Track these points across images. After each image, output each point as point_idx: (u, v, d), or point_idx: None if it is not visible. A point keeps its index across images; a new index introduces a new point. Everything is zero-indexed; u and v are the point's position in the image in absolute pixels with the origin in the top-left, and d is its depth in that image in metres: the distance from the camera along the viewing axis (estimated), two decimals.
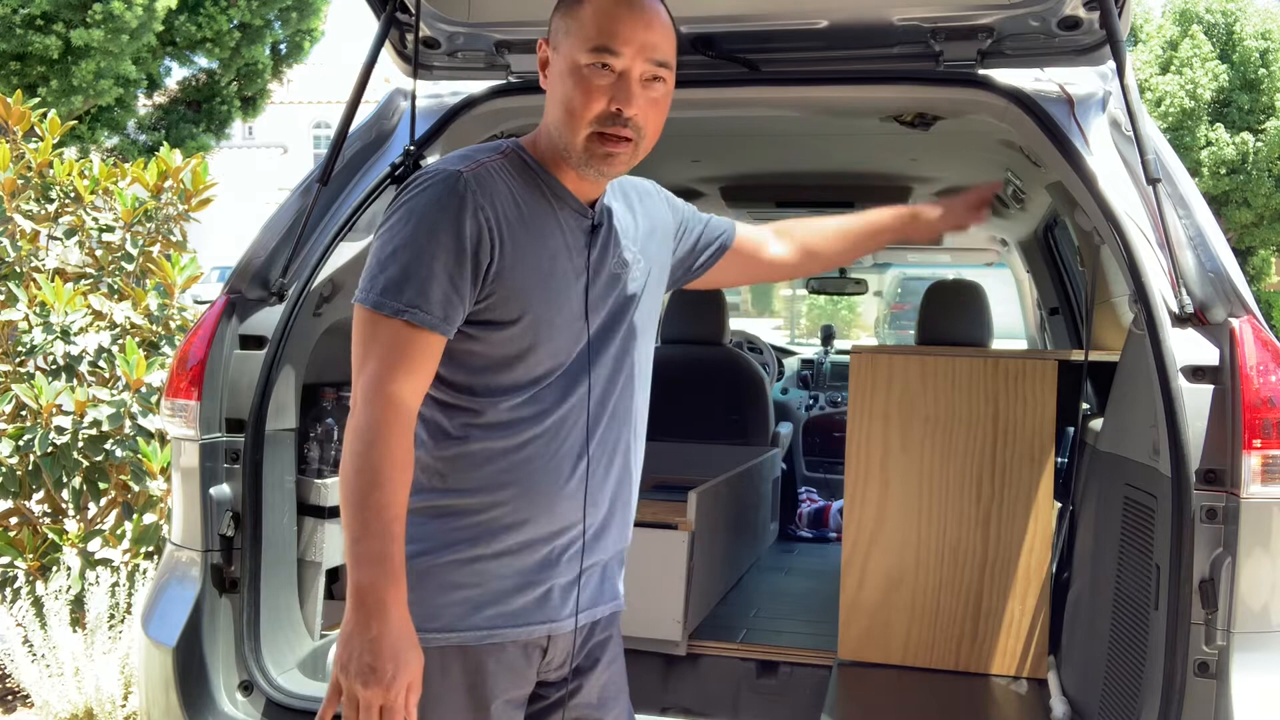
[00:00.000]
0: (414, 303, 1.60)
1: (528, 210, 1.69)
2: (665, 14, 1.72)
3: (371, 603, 1.54)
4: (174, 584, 2.60)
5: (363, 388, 1.60)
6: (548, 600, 1.75)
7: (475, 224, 1.62)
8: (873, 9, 2.62)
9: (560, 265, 1.71)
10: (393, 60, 2.94)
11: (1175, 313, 2.21)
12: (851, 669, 3.15)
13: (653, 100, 1.70)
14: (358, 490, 1.56)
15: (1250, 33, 21.52)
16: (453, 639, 1.67)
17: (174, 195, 4.55)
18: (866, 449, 3.22)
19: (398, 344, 1.60)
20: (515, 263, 1.66)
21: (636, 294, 1.84)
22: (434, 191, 1.64)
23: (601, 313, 1.77)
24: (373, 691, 1.53)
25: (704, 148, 4.14)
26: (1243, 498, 2.05)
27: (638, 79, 1.67)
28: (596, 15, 1.66)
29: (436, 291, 1.61)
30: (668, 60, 1.70)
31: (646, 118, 1.69)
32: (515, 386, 1.70)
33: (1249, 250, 22.56)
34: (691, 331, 4.92)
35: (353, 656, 1.53)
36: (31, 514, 4.30)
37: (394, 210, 1.66)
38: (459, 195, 1.63)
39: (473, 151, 1.73)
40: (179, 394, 2.60)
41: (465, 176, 1.64)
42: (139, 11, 13.15)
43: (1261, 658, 2.05)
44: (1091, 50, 2.61)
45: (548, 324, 1.69)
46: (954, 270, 6.92)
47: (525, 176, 1.72)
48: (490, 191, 1.65)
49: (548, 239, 1.70)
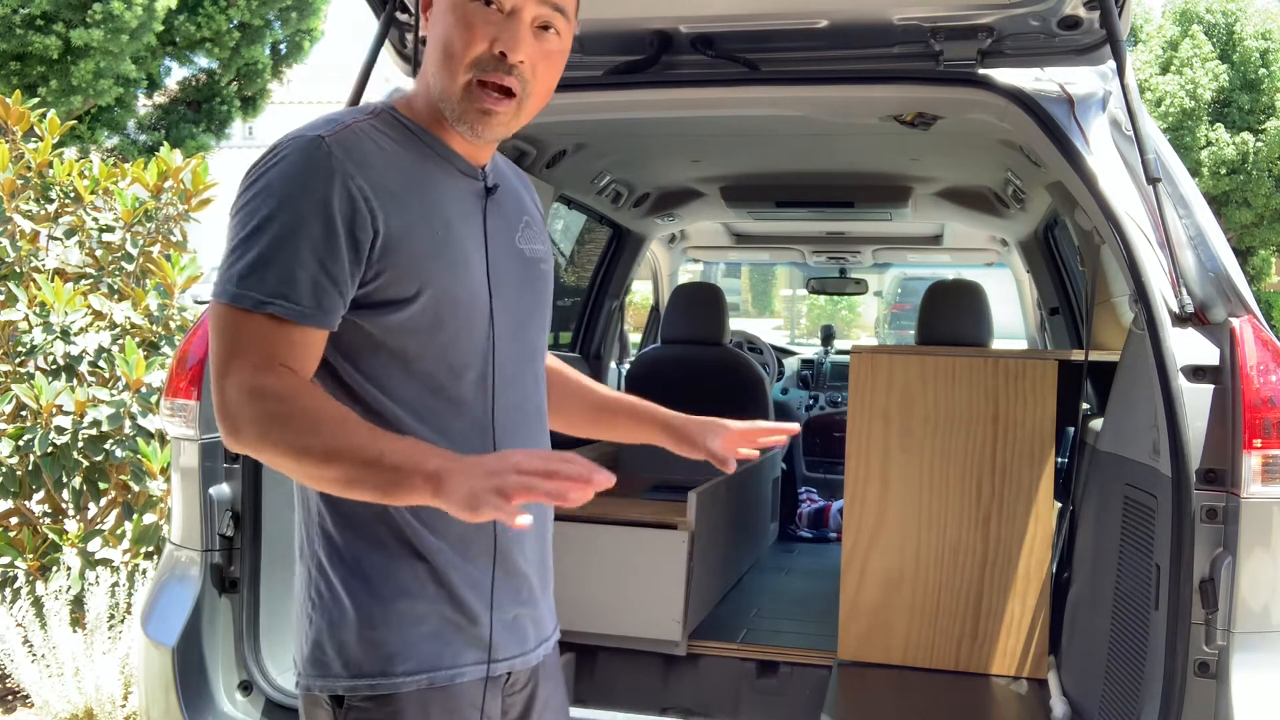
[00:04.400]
0: (279, 292, 1.37)
1: (410, 171, 1.48)
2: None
3: (420, 473, 1.28)
4: (174, 584, 2.60)
5: (234, 390, 1.36)
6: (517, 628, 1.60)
7: (345, 195, 1.40)
8: (872, 8, 2.61)
9: (456, 232, 1.50)
10: (392, 60, 2.93)
11: (1175, 312, 2.20)
12: (851, 669, 3.15)
13: (545, 52, 1.49)
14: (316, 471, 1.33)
15: (1250, 33, 21.50)
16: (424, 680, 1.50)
17: (174, 195, 4.55)
18: (866, 449, 3.22)
19: (266, 342, 1.38)
20: (404, 232, 1.44)
21: (544, 272, 1.66)
22: (292, 161, 1.42)
23: (504, 290, 1.55)
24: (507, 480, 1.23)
25: (704, 147, 4.13)
26: (1243, 497, 2.05)
27: (528, 22, 1.47)
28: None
29: (303, 277, 1.38)
30: (564, 7, 1.51)
31: (535, 70, 1.48)
32: (428, 382, 1.48)
33: (1249, 250, 22.54)
34: (691, 331, 4.92)
35: (470, 493, 1.24)
36: (31, 514, 4.30)
37: (248, 186, 1.43)
38: (323, 164, 1.40)
39: (337, 114, 1.50)
40: (179, 394, 2.60)
41: (327, 141, 1.42)
42: (139, 11, 13.14)
43: (1262, 658, 2.05)
44: (1092, 50, 2.61)
45: (452, 301, 1.48)
46: (954, 270, 6.92)
47: (402, 136, 1.51)
48: (361, 156, 1.43)
49: (438, 202, 1.49)
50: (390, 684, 1.50)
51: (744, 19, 2.72)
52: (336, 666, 1.51)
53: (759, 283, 26.96)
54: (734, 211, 5.21)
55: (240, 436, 1.38)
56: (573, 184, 4.26)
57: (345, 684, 1.50)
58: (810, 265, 6.75)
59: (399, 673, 1.50)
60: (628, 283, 5.67)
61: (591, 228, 5.41)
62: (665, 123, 3.57)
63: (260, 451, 1.38)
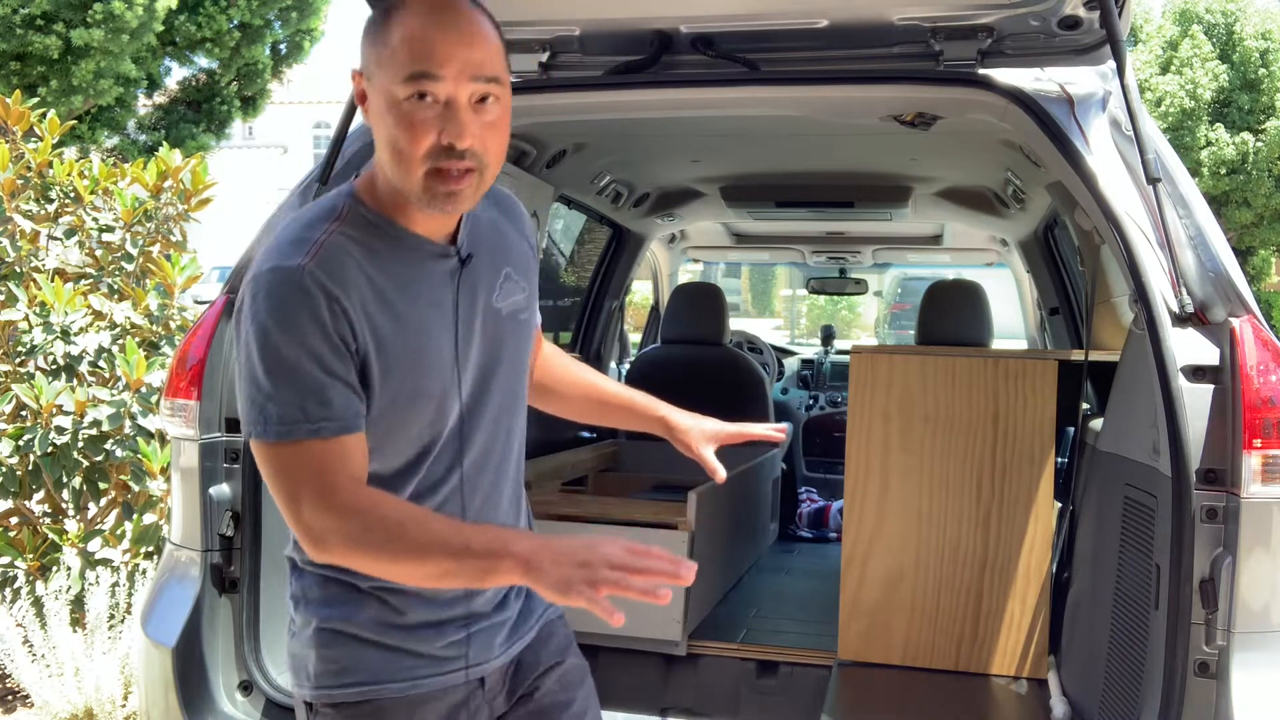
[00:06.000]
0: (321, 415, 1.46)
1: (384, 279, 1.54)
2: (485, 21, 1.53)
3: (511, 557, 1.38)
4: (173, 584, 2.60)
5: (313, 507, 1.45)
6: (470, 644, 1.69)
7: (334, 317, 1.48)
8: (872, 8, 2.61)
9: (430, 327, 1.58)
10: None
11: (1175, 312, 2.20)
12: (851, 669, 3.15)
13: (488, 124, 1.50)
14: (419, 545, 1.43)
15: (1250, 33, 21.51)
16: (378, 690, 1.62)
17: (174, 195, 4.55)
18: (866, 449, 3.22)
19: (324, 459, 1.46)
20: (380, 348, 1.52)
21: (524, 320, 1.73)
22: (282, 296, 1.47)
23: (486, 358, 1.65)
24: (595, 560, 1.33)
25: (704, 147, 4.14)
26: (1243, 497, 2.05)
27: (466, 104, 1.48)
28: (407, 39, 1.47)
29: (338, 396, 1.48)
30: (497, 75, 1.51)
31: (485, 144, 1.50)
32: (399, 464, 1.59)
33: (1249, 250, 22.55)
34: (691, 332, 4.92)
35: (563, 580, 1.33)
36: (31, 514, 4.30)
37: (248, 328, 1.49)
38: (309, 293, 1.47)
39: (306, 229, 1.53)
40: (179, 394, 2.60)
41: (308, 269, 1.48)
42: (139, 11, 13.14)
43: (1262, 657, 2.05)
44: (1091, 50, 2.61)
45: (421, 398, 1.57)
46: (954, 270, 6.93)
47: (372, 239, 1.55)
48: (341, 277, 1.49)
49: (411, 302, 1.56)
50: (345, 694, 1.63)
51: (744, 19, 2.72)
52: (303, 675, 1.66)
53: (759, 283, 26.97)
54: (734, 211, 5.21)
55: (330, 553, 1.48)
56: (573, 184, 4.27)
57: (310, 693, 1.65)
58: (810, 265, 6.75)
59: (354, 683, 1.62)
60: (628, 283, 5.67)
61: (591, 227, 5.41)
62: (665, 123, 3.57)
63: (351, 561, 1.49)
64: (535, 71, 2.91)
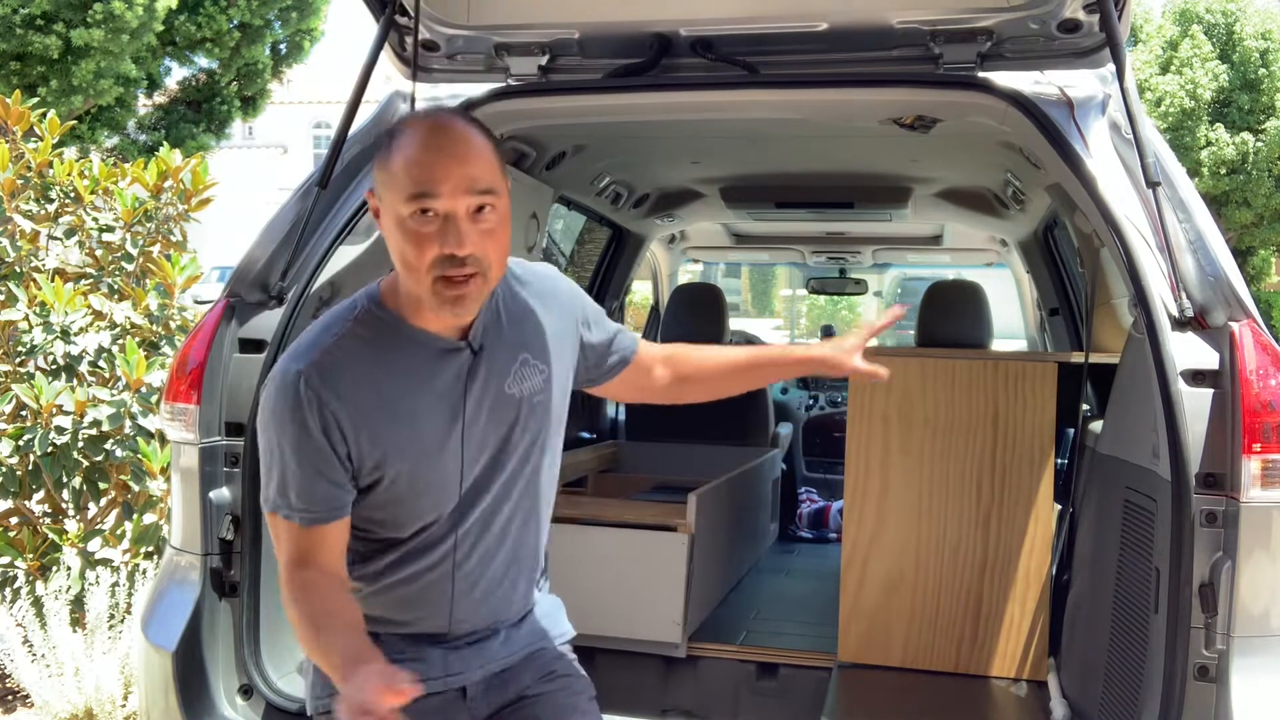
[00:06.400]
0: (301, 506, 1.71)
1: (382, 379, 1.73)
2: (478, 137, 1.69)
3: (336, 672, 1.61)
4: (173, 588, 2.60)
5: (284, 573, 1.73)
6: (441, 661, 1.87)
7: (320, 420, 1.69)
8: (872, 12, 2.61)
9: (426, 422, 1.76)
10: (392, 63, 2.94)
11: (1175, 317, 2.20)
12: (851, 671, 3.16)
13: (486, 231, 1.66)
14: (306, 637, 1.67)
15: (1250, 33, 21.50)
16: None
17: (174, 195, 4.55)
18: (866, 451, 3.22)
19: (301, 540, 1.72)
20: (371, 442, 1.72)
21: (542, 401, 1.87)
22: (278, 398, 1.71)
23: (496, 439, 1.82)
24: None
25: (703, 149, 4.13)
26: (1242, 502, 2.05)
27: (464, 216, 1.64)
28: (407, 165, 1.64)
29: (319, 490, 1.71)
30: (492, 186, 1.67)
31: (485, 249, 1.67)
32: (405, 534, 1.81)
33: (1249, 250, 22.55)
34: (691, 332, 4.91)
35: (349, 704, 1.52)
36: (31, 514, 4.30)
37: (260, 415, 1.76)
38: (299, 397, 1.68)
39: (323, 331, 1.75)
40: (178, 398, 2.60)
41: (304, 373, 1.69)
42: (139, 11, 13.14)
43: (1261, 662, 2.05)
44: (1091, 53, 2.61)
45: (418, 481, 1.77)
46: (954, 270, 6.92)
47: (381, 337, 1.75)
48: (334, 380, 1.70)
49: (408, 400, 1.74)
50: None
51: (744, 22, 2.72)
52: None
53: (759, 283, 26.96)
54: (734, 212, 5.21)
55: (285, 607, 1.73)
56: (572, 185, 4.26)
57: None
58: (810, 265, 6.75)
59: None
60: (627, 283, 5.67)
61: (591, 228, 5.41)
62: (665, 125, 3.57)
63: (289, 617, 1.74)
64: (534, 74, 2.91)
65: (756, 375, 2.21)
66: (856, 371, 2.09)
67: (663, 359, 2.14)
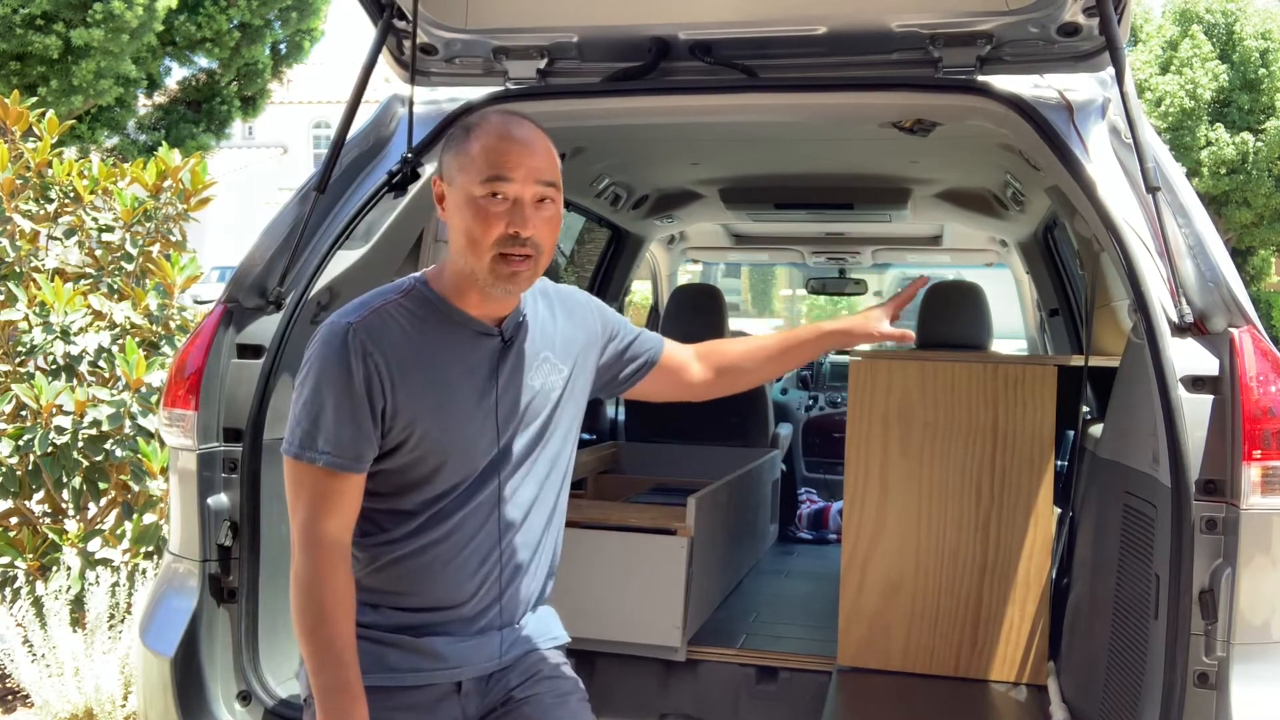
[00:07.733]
0: (327, 449, 1.81)
1: (421, 346, 1.87)
2: (546, 140, 1.90)
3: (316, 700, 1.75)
4: (172, 594, 2.59)
5: (297, 532, 1.82)
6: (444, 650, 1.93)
7: (365, 370, 1.81)
8: (871, 15, 2.61)
9: (456, 392, 1.89)
10: (390, 67, 2.93)
11: (1175, 322, 2.20)
12: (851, 675, 3.15)
13: (545, 219, 1.86)
14: (307, 626, 1.78)
15: (1250, 33, 21.48)
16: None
17: (173, 195, 4.55)
18: (866, 454, 3.21)
19: (321, 488, 1.82)
20: (406, 399, 1.84)
21: (557, 398, 2.01)
22: (327, 345, 1.83)
23: (515, 422, 1.95)
24: None
25: (703, 150, 4.13)
26: (1242, 509, 2.04)
27: (530, 202, 1.83)
28: (486, 150, 1.83)
29: (347, 435, 1.81)
30: (554, 180, 1.87)
31: (542, 235, 1.85)
32: (420, 504, 1.89)
33: (1249, 250, 22.54)
34: (691, 332, 4.90)
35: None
36: (31, 514, 4.30)
37: (304, 365, 1.86)
38: (347, 346, 1.81)
39: (373, 296, 1.91)
40: (176, 403, 2.59)
41: (355, 326, 1.83)
42: (139, 11, 13.12)
43: (1261, 669, 2.05)
44: (1091, 56, 2.60)
45: (441, 448, 1.87)
46: (953, 271, 6.92)
47: (425, 311, 1.90)
48: (380, 337, 1.84)
49: (443, 370, 1.88)
50: None
51: (742, 25, 2.71)
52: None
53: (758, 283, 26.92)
54: (733, 213, 5.20)
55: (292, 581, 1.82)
56: (572, 187, 4.23)
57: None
58: (810, 266, 6.75)
59: None
60: (627, 283, 5.67)
61: (591, 229, 5.41)
62: (664, 127, 3.57)
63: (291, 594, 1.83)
64: (533, 78, 2.91)
65: (794, 355, 2.32)
66: (887, 335, 2.25)
67: (698, 356, 2.28)
